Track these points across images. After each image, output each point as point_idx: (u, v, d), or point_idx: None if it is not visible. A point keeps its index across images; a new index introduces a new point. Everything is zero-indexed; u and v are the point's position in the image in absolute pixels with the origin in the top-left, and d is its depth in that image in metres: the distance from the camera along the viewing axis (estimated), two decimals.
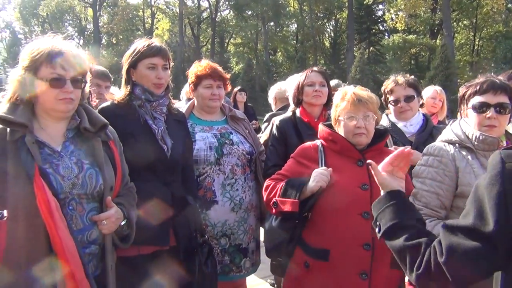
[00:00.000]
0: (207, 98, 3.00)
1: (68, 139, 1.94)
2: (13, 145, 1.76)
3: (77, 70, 1.88)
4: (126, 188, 2.15)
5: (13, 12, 51.79)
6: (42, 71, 1.82)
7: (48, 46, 1.85)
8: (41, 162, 1.77)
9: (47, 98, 1.84)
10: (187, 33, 43.06)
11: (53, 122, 1.92)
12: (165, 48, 2.55)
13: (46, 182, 1.74)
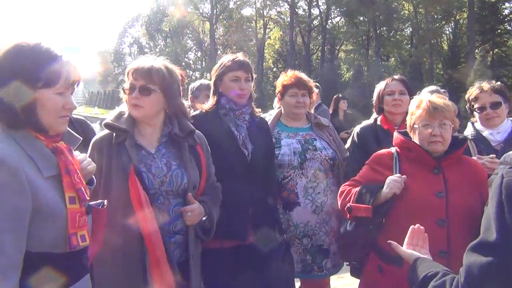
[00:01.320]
0: (292, 106, 3.20)
1: (161, 144, 2.27)
2: (117, 147, 2.14)
3: (146, 80, 2.15)
4: (212, 187, 2.41)
5: (140, 29, 56.98)
6: (126, 82, 2.21)
7: (134, 62, 2.23)
8: (137, 162, 2.12)
9: (128, 105, 2.23)
10: (297, 42, 43.62)
11: (150, 128, 2.26)
12: (248, 62, 2.82)
13: (139, 179, 2.07)
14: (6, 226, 1.40)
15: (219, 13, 46.98)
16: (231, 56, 2.83)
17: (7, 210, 1.41)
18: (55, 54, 1.57)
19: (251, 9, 46.91)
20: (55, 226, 1.53)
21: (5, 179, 1.41)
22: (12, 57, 1.52)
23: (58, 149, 1.62)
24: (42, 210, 1.48)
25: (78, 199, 1.62)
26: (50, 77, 1.54)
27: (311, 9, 42.56)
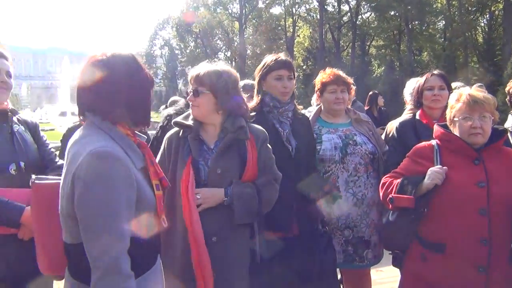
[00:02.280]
0: (332, 102, 3.32)
1: (219, 139, 2.47)
2: (182, 140, 2.43)
3: (197, 83, 2.43)
4: (265, 175, 2.53)
5: (171, 31, 57.83)
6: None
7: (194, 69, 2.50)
8: (197, 155, 2.39)
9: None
10: (327, 39, 43.38)
11: (210, 126, 2.49)
12: (290, 61, 2.97)
13: (194, 170, 2.32)
14: (125, 215, 1.59)
15: (248, 13, 47.23)
16: (273, 56, 2.99)
17: (125, 201, 1.60)
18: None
19: (280, 7, 46.95)
20: (150, 211, 1.73)
21: (122, 173, 1.60)
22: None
23: (142, 144, 1.83)
24: (141, 199, 1.68)
25: (161, 186, 1.82)
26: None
27: (340, 5, 42.23)
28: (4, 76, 2.47)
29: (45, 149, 2.69)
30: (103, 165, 1.58)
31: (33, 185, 1.92)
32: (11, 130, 2.49)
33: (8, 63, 2.53)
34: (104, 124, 1.71)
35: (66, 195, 1.64)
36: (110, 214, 1.57)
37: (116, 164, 1.60)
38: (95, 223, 1.57)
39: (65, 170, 1.69)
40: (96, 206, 1.56)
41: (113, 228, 1.57)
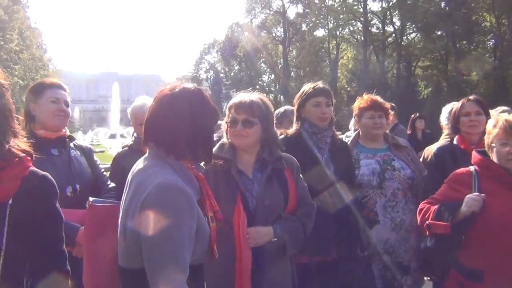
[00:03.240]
0: (370, 127, 3.37)
1: (256, 169, 2.51)
2: (223, 174, 2.44)
3: (248, 113, 2.43)
4: (304, 205, 2.58)
5: (216, 55, 59.18)
6: (228, 115, 2.49)
7: (235, 97, 2.52)
8: (242, 187, 2.41)
9: (229, 135, 2.50)
10: (371, 60, 43.08)
11: (247, 156, 2.52)
12: (328, 89, 3.07)
13: (243, 203, 2.37)
14: (187, 245, 1.65)
15: (292, 36, 47.70)
16: (312, 84, 3.10)
17: (187, 231, 1.66)
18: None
19: (323, 30, 47.17)
20: (204, 242, 1.79)
21: (186, 205, 1.67)
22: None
23: (199, 177, 1.88)
24: (199, 229, 1.73)
25: (215, 218, 1.88)
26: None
27: (385, 26, 41.97)
28: (62, 105, 2.72)
29: (98, 173, 2.92)
30: (170, 197, 1.65)
31: (90, 206, 2.02)
32: (68, 155, 2.71)
33: (66, 93, 2.79)
34: (168, 157, 1.79)
35: (131, 223, 1.69)
36: (176, 244, 1.62)
37: (182, 196, 1.67)
38: (162, 253, 1.61)
39: (129, 197, 1.75)
40: (163, 236, 1.61)
41: (178, 258, 1.62)
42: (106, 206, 2.01)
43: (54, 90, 2.72)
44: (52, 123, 2.67)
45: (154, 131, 1.83)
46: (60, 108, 2.70)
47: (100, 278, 1.94)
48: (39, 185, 1.61)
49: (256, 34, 49.68)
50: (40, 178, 1.62)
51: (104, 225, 1.92)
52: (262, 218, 2.40)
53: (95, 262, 1.96)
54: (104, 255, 1.90)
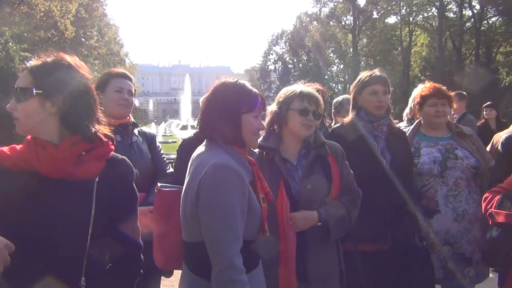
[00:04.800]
0: (432, 115, 3.29)
1: (300, 156, 2.58)
2: (267, 162, 2.53)
3: (317, 105, 2.54)
4: (349, 191, 2.59)
5: (284, 46, 59.15)
6: (294, 104, 2.53)
7: (300, 88, 2.59)
8: (286, 175, 2.49)
9: (294, 124, 2.54)
10: (447, 47, 40.97)
11: (294, 143, 2.60)
12: (384, 76, 3.03)
13: (286, 189, 2.44)
14: (239, 219, 1.86)
15: (362, 24, 46.54)
16: (368, 72, 3.08)
17: (239, 206, 1.86)
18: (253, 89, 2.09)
19: (395, 17, 45.53)
20: (256, 220, 1.96)
21: (238, 183, 1.88)
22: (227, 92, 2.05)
23: (251, 161, 2.07)
24: (251, 206, 1.92)
25: (266, 199, 2.05)
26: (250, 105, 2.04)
27: (462, 11, 39.68)
28: (125, 94, 2.89)
29: (158, 158, 3.09)
30: (223, 176, 1.86)
31: (158, 191, 2.26)
32: (130, 141, 2.90)
33: (130, 83, 2.95)
34: (221, 142, 2.00)
35: (191, 200, 1.92)
36: (228, 217, 1.84)
37: (234, 175, 1.88)
38: (216, 224, 1.84)
39: (189, 178, 1.99)
40: (218, 210, 1.84)
41: (231, 229, 1.83)
42: (172, 191, 2.22)
43: (118, 80, 2.88)
44: (115, 112, 2.82)
45: (205, 121, 2.09)
46: (123, 97, 2.86)
47: (169, 253, 2.18)
48: (121, 167, 1.82)
49: (325, 23, 49.04)
50: (120, 160, 1.83)
51: (171, 207, 2.15)
52: (305, 203, 2.45)
53: (164, 240, 2.20)
54: (172, 233, 2.14)
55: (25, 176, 1.58)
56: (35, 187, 1.58)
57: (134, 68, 56.14)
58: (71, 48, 27.26)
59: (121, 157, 1.84)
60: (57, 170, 1.60)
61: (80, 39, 30.70)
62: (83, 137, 1.68)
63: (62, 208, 1.60)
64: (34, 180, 1.58)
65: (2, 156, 1.64)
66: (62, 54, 1.74)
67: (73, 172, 1.63)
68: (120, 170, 1.80)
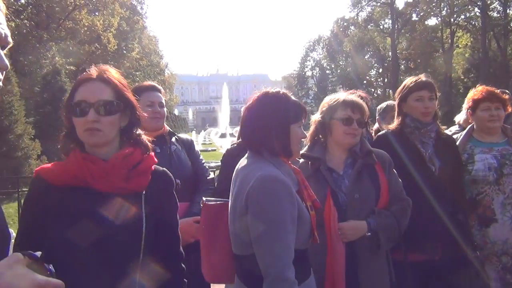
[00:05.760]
0: (485, 120, 3.15)
1: (347, 165, 2.53)
2: (313, 172, 2.50)
3: (361, 113, 2.49)
4: (398, 200, 2.51)
5: (321, 52, 58.88)
6: (337, 113, 2.50)
7: (343, 96, 2.55)
8: (333, 185, 2.45)
9: (338, 133, 2.50)
10: (492, 47, 39.61)
11: (340, 152, 2.56)
12: (431, 82, 2.95)
13: (333, 199, 2.40)
14: (290, 229, 1.83)
15: (401, 27, 45.76)
16: (414, 78, 3.01)
17: (289, 216, 1.84)
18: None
19: (435, 18, 44.49)
20: (306, 228, 1.94)
21: (286, 193, 1.85)
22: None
23: (296, 170, 2.05)
24: (300, 215, 1.90)
25: (313, 207, 2.02)
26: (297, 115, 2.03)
27: (506, 9, 38.30)
28: (157, 107, 2.88)
29: (198, 164, 3.06)
30: (271, 187, 1.84)
31: (204, 205, 2.25)
32: (169, 151, 2.91)
33: (160, 94, 2.95)
34: (265, 154, 1.98)
35: (239, 213, 1.90)
36: (278, 228, 1.81)
37: (281, 186, 1.85)
38: (267, 236, 1.81)
39: (235, 190, 1.96)
40: (267, 222, 1.81)
41: (282, 240, 1.80)
42: (218, 204, 2.21)
43: (148, 94, 2.88)
44: (149, 126, 2.78)
45: (247, 133, 2.08)
46: (155, 110, 2.85)
47: (217, 267, 2.17)
48: (163, 178, 1.85)
49: (362, 27, 48.52)
50: (162, 172, 1.86)
51: (217, 220, 2.14)
52: (353, 213, 2.40)
53: (212, 254, 2.18)
54: (220, 246, 2.12)
55: (78, 191, 1.62)
56: (89, 202, 1.61)
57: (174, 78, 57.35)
58: (113, 60, 28.12)
59: (162, 169, 1.86)
60: (111, 185, 1.63)
61: (122, 51, 31.57)
62: (140, 148, 1.76)
63: (117, 223, 1.62)
64: (87, 195, 1.61)
65: (49, 174, 1.67)
66: (108, 67, 1.77)
67: (125, 187, 1.66)
68: (163, 182, 1.84)
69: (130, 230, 1.65)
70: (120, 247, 1.62)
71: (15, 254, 1.07)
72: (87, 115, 1.63)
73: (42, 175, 1.67)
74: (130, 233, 1.65)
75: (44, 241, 1.56)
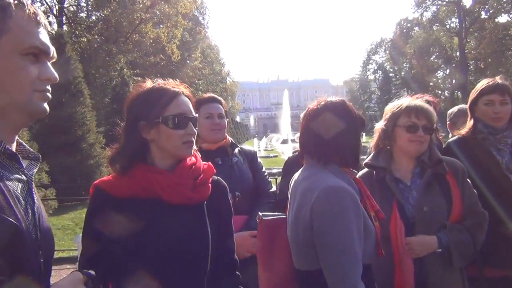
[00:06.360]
0: None
1: (414, 175, 2.40)
2: (377, 183, 2.39)
3: (428, 119, 2.35)
4: (473, 214, 2.35)
5: (384, 54, 57.48)
6: (400, 120, 2.38)
7: (406, 102, 2.42)
8: (399, 197, 2.33)
9: (403, 141, 2.38)
10: None
11: (406, 162, 2.42)
12: (504, 84, 2.73)
13: (399, 211, 2.28)
14: (357, 241, 1.74)
15: (469, 26, 43.69)
16: (488, 80, 2.82)
17: (356, 228, 1.75)
18: None
19: (507, 15, 42.02)
20: (371, 241, 1.85)
21: (351, 204, 1.77)
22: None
23: (357, 180, 1.96)
24: (366, 227, 1.81)
25: (377, 217, 1.93)
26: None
27: None
28: (216, 119, 2.86)
29: (260, 177, 3.01)
30: (337, 198, 1.77)
31: (260, 220, 2.18)
32: (231, 162, 2.88)
33: (220, 106, 2.92)
34: (325, 165, 1.91)
35: (303, 226, 1.82)
36: (347, 241, 1.73)
37: (347, 196, 1.78)
38: (336, 250, 1.73)
39: (296, 203, 1.90)
40: (335, 234, 1.73)
41: (351, 254, 1.72)
42: (274, 219, 2.15)
43: (207, 106, 2.87)
44: (209, 137, 2.82)
45: (307, 144, 2.00)
46: (214, 122, 2.84)
47: (276, 283, 2.08)
48: (219, 187, 1.85)
49: (427, 28, 46.86)
50: (217, 181, 1.87)
51: (275, 236, 2.08)
52: (422, 227, 2.26)
53: (270, 270, 2.10)
54: (278, 262, 2.05)
55: (147, 203, 1.64)
56: (160, 214, 1.64)
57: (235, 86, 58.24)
58: (177, 70, 29.07)
59: (216, 178, 1.86)
60: (180, 196, 1.66)
61: (185, 61, 32.58)
62: (198, 159, 1.80)
63: (186, 233, 1.65)
64: (157, 207, 1.63)
65: (111, 186, 1.68)
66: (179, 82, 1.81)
67: (192, 197, 1.68)
68: (219, 191, 1.84)
69: (199, 241, 1.68)
70: (192, 259, 1.65)
71: (76, 272, 1.17)
72: (186, 128, 1.68)
73: (104, 188, 1.69)
74: (200, 244, 1.68)
75: (113, 254, 1.60)
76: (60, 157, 11.55)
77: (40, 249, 1.16)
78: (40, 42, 1.17)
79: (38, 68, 1.17)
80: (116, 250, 1.60)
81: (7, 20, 1.12)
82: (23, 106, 1.16)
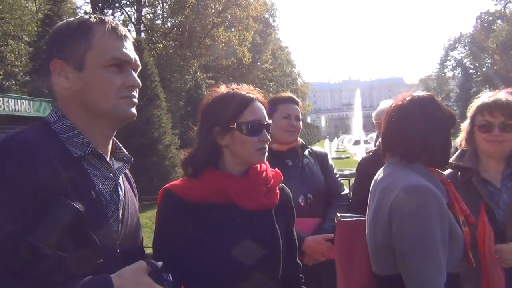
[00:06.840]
0: None
1: (505, 177, 2.21)
2: (463, 185, 2.22)
3: (507, 115, 2.14)
4: None
5: (463, 50, 54.55)
6: (476, 119, 2.22)
7: (482, 98, 2.25)
8: (488, 200, 2.16)
9: (480, 142, 2.21)
10: None
11: (494, 163, 2.24)
12: None
13: (488, 215, 2.10)
14: (440, 246, 1.63)
15: None
16: None
17: (439, 232, 1.63)
18: None
19: None
20: (459, 247, 1.72)
21: (436, 206, 1.65)
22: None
23: (445, 181, 1.83)
24: (452, 232, 1.68)
25: (467, 223, 1.79)
26: None
27: None
28: (293, 120, 2.77)
29: (332, 179, 2.90)
30: (419, 198, 1.65)
31: (339, 222, 2.10)
32: (301, 164, 2.80)
33: (297, 107, 2.83)
34: (409, 163, 1.79)
35: (381, 228, 1.73)
36: (429, 245, 1.62)
37: (431, 197, 1.66)
38: (416, 255, 1.63)
39: (375, 203, 1.81)
40: (416, 237, 1.63)
41: (433, 259, 1.61)
42: (354, 221, 2.06)
43: (286, 106, 2.78)
44: (282, 138, 2.73)
45: (390, 141, 1.88)
46: (291, 123, 2.75)
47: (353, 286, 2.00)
48: (284, 193, 1.82)
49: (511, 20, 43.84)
50: (283, 187, 1.83)
51: (354, 239, 1.98)
52: None
53: (349, 275, 2.02)
54: (358, 266, 1.96)
55: (222, 208, 1.63)
56: (233, 218, 1.63)
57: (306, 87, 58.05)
58: (248, 72, 29.50)
59: (282, 185, 1.82)
60: (254, 202, 1.65)
61: (256, 63, 32.95)
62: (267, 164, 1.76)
63: (262, 238, 1.64)
64: (233, 212, 1.62)
65: (184, 190, 1.66)
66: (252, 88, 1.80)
67: (265, 203, 1.67)
68: (285, 197, 1.81)
69: (274, 246, 1.67)
70: (267, 264, 1.64)
71: (140, 262, 1.17)
72: (260, 134, 1.66)
73: (176, 192, 1.66)
74: (274, 249, 1.67)
75: (186, 259, 1.60)
76: (139, 158, 12.08)
77: (118, 240, 1.28)
78: (121, 53, 1.28)
79: (122, 77, 1.29)
80: (189, 254, 1.60)
81: (90, 39, 1.25)
82: (111, 112, 1.29)
